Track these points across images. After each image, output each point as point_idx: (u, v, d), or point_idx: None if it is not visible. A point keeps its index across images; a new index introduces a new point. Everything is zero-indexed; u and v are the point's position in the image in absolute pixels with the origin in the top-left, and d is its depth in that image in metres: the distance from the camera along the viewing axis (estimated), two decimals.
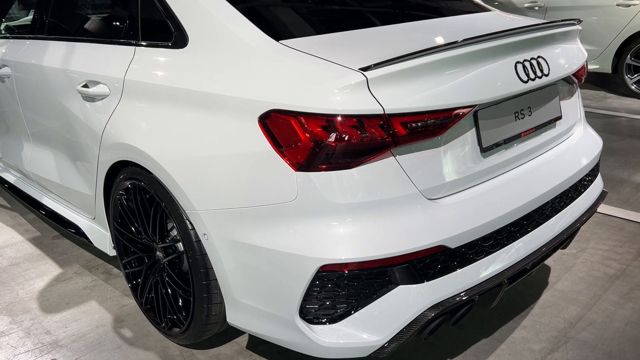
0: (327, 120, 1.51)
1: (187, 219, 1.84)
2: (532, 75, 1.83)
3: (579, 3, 5.94)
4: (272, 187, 1.60)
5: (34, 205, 2.98)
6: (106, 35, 2.31)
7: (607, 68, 5.90)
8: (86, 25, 2.57)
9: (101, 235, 2.49)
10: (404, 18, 2.05)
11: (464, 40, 1.64)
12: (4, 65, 2.81)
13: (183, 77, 1.84)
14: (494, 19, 2.20)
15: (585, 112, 2.35)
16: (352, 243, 1.54)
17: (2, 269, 2.78)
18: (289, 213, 1.59)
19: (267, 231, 1.64)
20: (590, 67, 5.94)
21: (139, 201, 2.08)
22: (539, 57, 1.88)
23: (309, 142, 1.53)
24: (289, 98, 1.56)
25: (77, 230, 2.60)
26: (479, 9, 2.38)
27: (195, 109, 1.78)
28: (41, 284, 2.63)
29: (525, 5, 6.31)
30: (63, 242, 3.04)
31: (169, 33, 1.97)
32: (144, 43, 2.06)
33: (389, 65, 1.52)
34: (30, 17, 3.57)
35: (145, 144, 1.91)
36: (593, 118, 5.06)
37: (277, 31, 1.80)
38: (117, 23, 2.25)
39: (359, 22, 1.98)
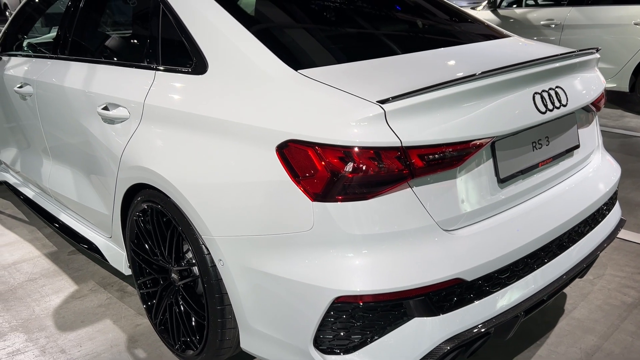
0: (344, 152, 1.52)
1: (203, 244, 1.86)
2: (550, 106, 1.82)
3: (596, 21, 5.91)
4: (289, 216, 1.61)
5: (52, 220, 3.02)
6: (127, 58, 2.35)
7: (625, 87, 5.85)
8: (107, 48, 2.61)
9: (117, 254, 2.51)
10: (423, 46, 2.05)
11: (482, 72, 1.64)
12: (26, 84, 2.87)
13: (202, 104, 1.86)
14: (513, 47, 2.20)
15: (601, 130, 2.33)
16: (367, 275, 1.54)
17: (19, 284, 2.81)
18: (305, 243, 1.60)
19: (282, 260, 1.65)
20: (608, 85, 5.89)
21: (156, 223, 2.10)
22: (557, 87, 1.88)
23: (326, 172, 1.53)
24: (307, 128, 1.57)
25: (94, 248, 2.63)
26: (498, 34, 2.38)
27: (213, 135, 1.80)
28: (57, 301, 2.66)
29: (542, 22, 6.29)
30: (79, 257, 3.07)
31: (188, 59, 1.99)
32: (164, 68, 2.09)
33: (407, 98, 1.53)
34: (51, 34, 3.65)
35: (163, 168, 1.93)
36: (609, 137, 5.01)
37: (296, 60, 1.81)
38: (138, 47, 2.29)
39: (377, 51, 1.99)
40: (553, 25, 6.22)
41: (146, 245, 2.21)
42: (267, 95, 1.73)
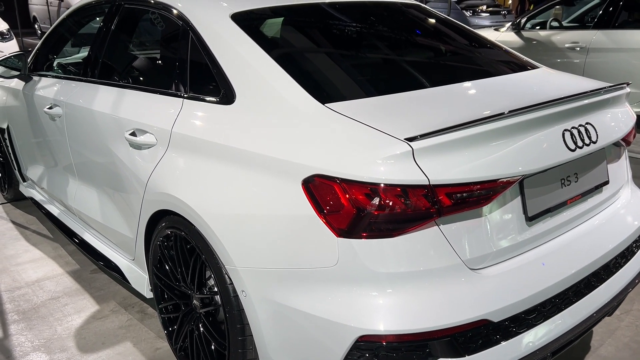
0: (371, 188, 1.52)
1: (226, 274, 1.86)
2: (580, 143, 1.79)
3: (623, 45, 5.84)
4: (313, 251, 1.60)
5: (75, 239, 3.05)
6: (155, 84, 2.38)
7: None
8: (137, 73, 2.65)
9: (139, 277, 2.53)
10: (451, 79, 2.04)
11: (512, 111, 1.63)
12: (55, 105, 2.92)
13: (228, 134, 1.88)
14: (541, 81, 2.17)
15: (629, 157, 2.27)
16: (392, 314, 1.52)
17: (42, 302, 2.84)
18: (329, 279, 1.59)
19: (305, 295, 1.64)
20: (635, 110, 5.78)
21: (179, 250, 2.11)
22: (587, 123, 1.85)
23: (352, 208, 1.53)
24: (333, 164, 1.57)
25: (116, 269, 2.65)
26: (526, 65, 2.36)
27: (239, 166, 1.80)
28: (78, 321, 2.68)
29: (566, 45, 6.24)
30: (101, 276, 3.10)
31: (216, 88, 2.01)
32: (191, 96, 2.11)
33: (435, 136, 1.52)
34: (80, 55, 3.72)
35: (189, 196, 1.95)
36: (637, 164, 4.91)
37: (323, 93, 1.82)
38: (167, 74, 2.31)
39: (404, 84, 1.99)
40: (578, 49, 6.16)
41: (169, 271, 2.22)
42: (293, 128, 1.73)
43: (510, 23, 7.04)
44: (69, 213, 3.19)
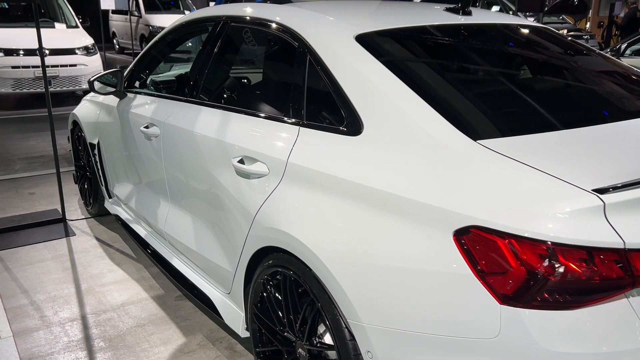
0: (547, 248, 1.25)
1: (346, 328, 1.63)
2: None
3: None
4: (466, 317, 1.35)
5: (162, 263, 2.93)
6: (267, 110, 2.21)
7: None
8: (245, 97, 2.50)
9: (234, 313, 2.34)
10: (617, 115, 1.75)
11: None
12: (152, 125, 2.83)
13: (357, 169, 1.67)
14: None
15: None
16: None
17: (128, 330, 2.72)
18: (484, 352, 1.33)
19: None
20: None
21: (288, 292, 1.91)
22: None
23: (522, 271, 1.27)
24: (496, 215, 1.32)
25: (207, 302, 2.49)
26: None
27: (370, 207, 1.58)
28: (165, 354, 2.52)
29: None
30: (186, 304, 2.95)
31: (339, 117, 1.82)
32: (310, 124, 1.92)
33: (633, 189, 1.24)
34: (173, 72, 3.66)
35: (305, 235, 1.74)
36: None
37: (474, 128, 1.58)
38: (281, 99, 2.14)
39: (567, 119, 1.70)
40: None
41: (272, 312, 2.02)
42: (440, 168, 1.50)
43: (608, 49, 6.57)
44: (156, 235, 3.08)
